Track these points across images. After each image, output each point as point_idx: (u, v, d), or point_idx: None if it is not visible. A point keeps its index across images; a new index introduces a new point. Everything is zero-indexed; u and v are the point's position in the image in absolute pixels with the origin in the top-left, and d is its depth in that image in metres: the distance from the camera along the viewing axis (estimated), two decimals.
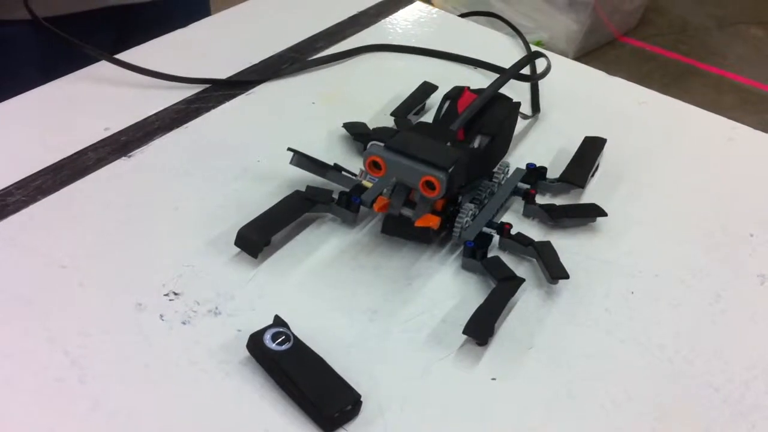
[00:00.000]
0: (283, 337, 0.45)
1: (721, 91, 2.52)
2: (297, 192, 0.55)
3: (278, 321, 0.46)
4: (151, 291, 0.49)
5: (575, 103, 0.74)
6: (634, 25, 2.79)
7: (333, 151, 0.63)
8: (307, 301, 0.50)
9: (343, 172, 0.58)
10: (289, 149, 0.57)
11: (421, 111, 0.69)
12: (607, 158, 0.65)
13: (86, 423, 0.41)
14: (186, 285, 0.49)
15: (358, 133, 0.63)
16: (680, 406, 0.46)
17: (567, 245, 0.56)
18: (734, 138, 0.71)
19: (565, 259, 0.53)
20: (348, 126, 0.64)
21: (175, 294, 0.49)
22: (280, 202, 0.55)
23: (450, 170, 0.49)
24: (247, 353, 0.45)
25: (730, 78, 2.59)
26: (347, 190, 0.56)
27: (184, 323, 0.47)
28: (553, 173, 0.62)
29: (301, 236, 0.55)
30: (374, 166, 0.51)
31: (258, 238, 0.51)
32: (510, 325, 0.50)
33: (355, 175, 0.58)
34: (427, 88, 0.70)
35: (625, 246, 0.57)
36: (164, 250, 0.52)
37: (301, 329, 0.46)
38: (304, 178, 0.59)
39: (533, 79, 0.73)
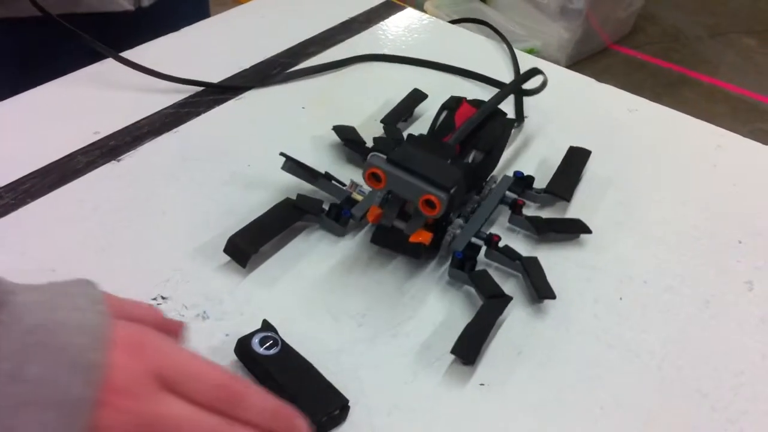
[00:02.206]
0: (271, 341, 0.44)
1: (713, 100, 2.53)
2: (287, 200, 0.55)
3: (266, 325, 0.46)
4: (139, 295, 0.48)
5: (565, 110, 0.74)
6: (626, 33, 2.81)
7: (322, 156, 0.63)
8: (295, 307, 0.50)
9: (334, 182, 0.58)
10: (282, 154, 0.57)
11: (409, 119, 0.69)
12: (597, 164, 0.66)
13: None
14: (174, 289, 0.49)
15: (348, 139, 0.63)
16: (668, 412, 0.46)
17: (556, 251, 0.56)
18: (723, 146, 0.71)
19: (554, 265, 0.53)
20: (338, 129, 0.64)
21: (163, 298, 0.48)
22: (270, 210, 0.54)
23: (452, 191, 0.49)
24: (234, 357, 0.45)
25: (722, 87, 2.61)
26: (337, 201, 0.56)
27: None
28: (541, 180, 0.62)
29: (291, 244, 0.54)
30: (374, 177, 0.50)
31: (247, 248, 0.51)
32: (499, 331, 0.50)
33: (345, 185, 0.58)
34: (417, 96, 0.70)
35: (614, 252, 0.57)
36: (153, 254, 0.52)
37: (289, 334, 0.46)
38: (294, 183, 0.58)
39: (530, 94, 0.72)
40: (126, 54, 0.71)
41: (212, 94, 0.69)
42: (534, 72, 0.69)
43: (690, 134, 0.73)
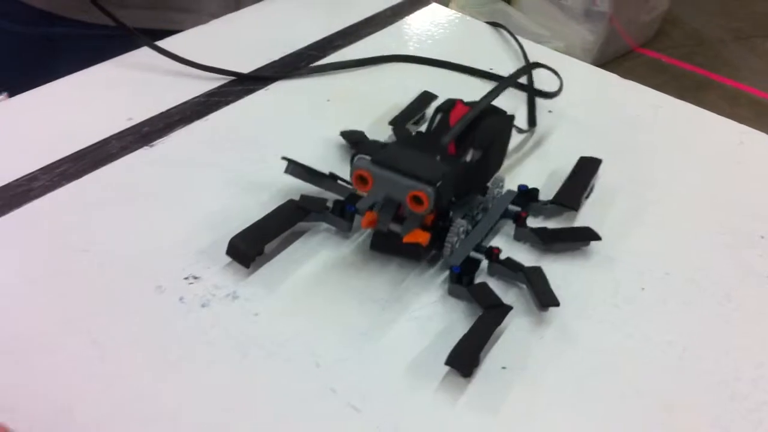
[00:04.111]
0: None
1: (737, 103, 2.52)
2: (291, 201, 0.55)
3: None
4: (170, 274, 0.50)
5: (587, 106, 0.74)
6: (650, 36, 2.80)
7: (337, 155, 0.63)
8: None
9: (339, 181, 0.57)
10: (284, 158, 0.56)
11: (421, 120, 0.68)
12: (615, 163, 0.65)
13: (103, 401, 0.42)
14: (205, 269, 0.50)
15: (356, 142, 0.62)
16: (688, 401, 0.47)
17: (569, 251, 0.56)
18: (745, 142, 0.72)
19: (572, 257, 0.54)
20: (345, 135, 0.63)
21: (195, 278, 0.50)
22: (273, 211, 0.53)
23: (438, 184, 0.48)
24: (261, 336, 0.46)
25: (745, 91, 2.59)
26: (343, 198, 0.55)
27: (203, 306, 0.48)
28: (552, 189, 0.61)
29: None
30: (361, 180, 0.50)
31: (250, 249, 0.50)
32: (519, 316, 0.51)
33: (351, 184, 0.56)
34: (426, 98, 0.69)
35: (637, 245, 0.58)
36: (184, 236, 0.53)
37: (317, 317, 0.47)
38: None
39: (547, 97, 0.71)
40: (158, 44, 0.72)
41: (241, 85, 0.70)
42: (533, 66, 0.65)
43: (712, 131, 0.73)
